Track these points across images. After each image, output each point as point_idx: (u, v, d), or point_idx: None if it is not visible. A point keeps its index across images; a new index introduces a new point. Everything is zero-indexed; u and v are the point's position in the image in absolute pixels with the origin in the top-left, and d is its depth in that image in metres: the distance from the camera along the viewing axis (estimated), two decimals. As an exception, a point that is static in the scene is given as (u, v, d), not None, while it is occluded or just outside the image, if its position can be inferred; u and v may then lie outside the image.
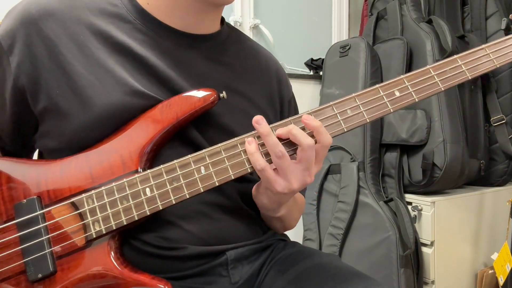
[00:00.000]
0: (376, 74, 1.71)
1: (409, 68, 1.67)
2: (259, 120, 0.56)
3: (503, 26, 1.52)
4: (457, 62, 0.60)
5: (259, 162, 0.55)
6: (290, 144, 0.57)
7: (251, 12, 1.94)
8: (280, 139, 0.57)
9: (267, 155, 0.56)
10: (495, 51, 0.61)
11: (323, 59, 1.99)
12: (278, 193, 0.57)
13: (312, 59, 2.08)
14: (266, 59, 0.76)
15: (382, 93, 0.60)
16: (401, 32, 1.75)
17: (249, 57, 0.73)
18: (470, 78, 0.60)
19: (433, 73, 0.60)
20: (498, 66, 0.60)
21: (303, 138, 0.55)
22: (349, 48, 1.79)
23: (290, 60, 2.03)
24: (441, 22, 1.66)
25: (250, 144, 0.56)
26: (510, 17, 1.40)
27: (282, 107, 0.76)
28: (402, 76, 0.59)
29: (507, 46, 0.61)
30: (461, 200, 1.59)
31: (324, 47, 1.99)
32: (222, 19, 0.72)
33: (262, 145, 0.57)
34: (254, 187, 0.63)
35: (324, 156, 0.57)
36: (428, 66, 0.60)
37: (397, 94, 0.60)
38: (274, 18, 2.01)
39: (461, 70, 0.60)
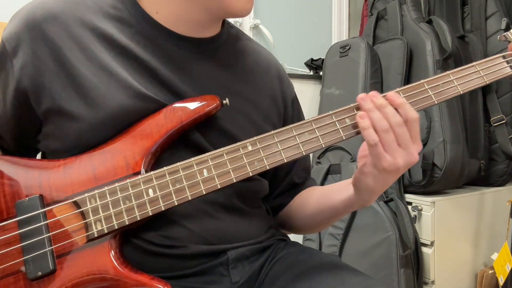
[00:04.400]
0: (376, 74, 1.71)
1: (409, 68, 1.67)
2: (364, 97, 0.57)
3: (503, 26, 1.52)
4: (449, 78, 0.63)
5: (373, 137, 0.55)
6: None
7: (251, 12, 1.94)
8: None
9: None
10: (485, 68, 0.65)
11: (323, 59, 1.99)
12: (384, 170, 0.56)
13: (312, 59, 2.08)
14: (266, 59, 0.76)
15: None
16: (401, 32, 1.75)
17: (250, 59, 0.73)
18: (461, 92, 0.63)
19: (426, 87, 0.62)
20: (488, 83, 0.64)
21: (391, 117, 0.56)
22: (349, 48, 1.79)
23: (290, 60, 2.03)
24: (441, 22, 1.66)
25: (363, 118, 0.56)
26: None
27: (286, 107, 0.76)
28: (398, 89, 0.61)
29: (495, 65, 0.65)
30: (461, 200, 1.59)
31: (324, 47, 1.99)
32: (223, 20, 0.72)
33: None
34: (357, 170, 0.61)
35: (417, 132, 0.57)
36: (422, 80, 0.63)
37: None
38: (274, 18, 2.01)
39: (453, 85, 0.63)
